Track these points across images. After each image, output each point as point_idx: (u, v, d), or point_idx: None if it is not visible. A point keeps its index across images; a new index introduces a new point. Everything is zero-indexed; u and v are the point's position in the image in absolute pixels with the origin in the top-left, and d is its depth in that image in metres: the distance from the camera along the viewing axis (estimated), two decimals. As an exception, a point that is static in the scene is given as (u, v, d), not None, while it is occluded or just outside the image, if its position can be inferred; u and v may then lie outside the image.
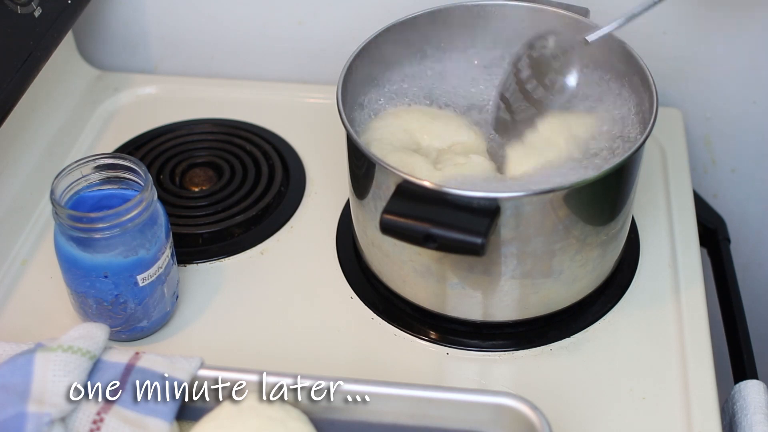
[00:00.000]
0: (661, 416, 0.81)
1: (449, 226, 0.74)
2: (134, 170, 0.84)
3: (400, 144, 0.87)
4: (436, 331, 0.88)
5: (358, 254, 0.95)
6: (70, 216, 0.80)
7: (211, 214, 0.99)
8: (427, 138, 0.89)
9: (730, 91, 1.13)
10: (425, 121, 0.89)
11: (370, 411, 0.74)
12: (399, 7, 1.03)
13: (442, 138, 0.89)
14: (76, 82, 1.15)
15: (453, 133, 0.89)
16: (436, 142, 0.88)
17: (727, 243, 1.05)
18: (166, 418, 0.72)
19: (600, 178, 0.79)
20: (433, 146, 0.88)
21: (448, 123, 0.90)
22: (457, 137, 0.89)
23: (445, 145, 0.88)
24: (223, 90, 1.17)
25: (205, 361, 0.76)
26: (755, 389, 0.85)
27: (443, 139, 0.89)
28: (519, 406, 0.72)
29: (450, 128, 0.89)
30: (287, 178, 1.04)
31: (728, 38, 1.09)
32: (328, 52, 1.17)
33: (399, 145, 0.87)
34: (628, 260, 0.94)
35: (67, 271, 0.84)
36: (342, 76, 0.87)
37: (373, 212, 0.85)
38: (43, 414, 0.69)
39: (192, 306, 0.91)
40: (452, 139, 0.89)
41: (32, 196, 1.02)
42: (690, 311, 0.89)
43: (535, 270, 0.83)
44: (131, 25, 1.19)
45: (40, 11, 0.99)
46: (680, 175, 1.03)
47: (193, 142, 1.08)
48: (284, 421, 0.72)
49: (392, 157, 0.84)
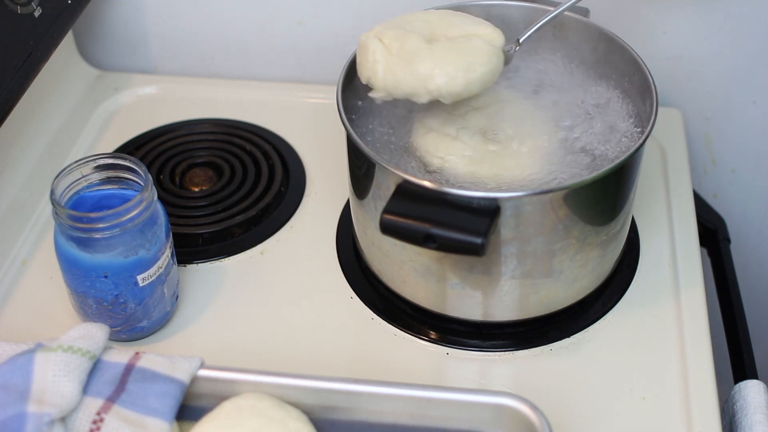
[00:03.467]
0: (661, 416, 0.81)
1: (449, 226, 0.74)
2: (134, 170, 0.84)
3: (411, 28, 0.85)
4: (436, 331, 0.89)
5: (358, 254, 0.95)
6: (70, 216, 0.80)
7: (211, 214, 0.99)
8: (442, 28, 0.86)
9: (730, 91, 1.13)
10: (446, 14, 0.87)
11: (370, 411, 0.74)
12: (399, 7, 1.03)
13: (460, 28, 0.85)
14: (76, 82, 1.15)
15: (471, 25, 0.86)
16: (451, 31, 0.85)
17: (727, 243, 1.05)
18: (166, 418, 0.72)
19: (600, 178, 0.79)
20: (446, 35, 0.85)
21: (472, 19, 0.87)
22: (474, 29, 0.85)
23: (460, 33, 0.85)
24: (223, 90, 1.17)
25: (205, 361, 0.76)
26: (755, 389, 0.85)
27: (460, 29, 0.85)
28: (519, 406, 0.72)
29: (469, 21, 0.86)
30: (287, 178, 1.04)
31: (728, 38, 1.09)
32: (328, 52, 1.17)
33: (409, 28, 0.84)
34: (628, 260, 0.94)
35: (67, 271, 0.84)
36: (342, 76, 0.87)
37: (373, 212, 0.85)
38: (43, 414, 0.69)
39: (192, 306, 0.91)
40: (469, 30, 0.85)
41: (32, 196, 1.02)
42: (690, 311, 0.89)
43: (535, 270, 0.83)
44: (131, 25, 1.19)
45: (40, 11, 0.99)
46: (680, 175, 1.03)
47: (193, 142, 1.08)
48: (284, 421, 0.72)
49: (388, 33, 0.83)
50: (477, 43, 0.83)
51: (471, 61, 0.81)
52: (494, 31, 0.85)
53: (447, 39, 0.84)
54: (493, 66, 0.82)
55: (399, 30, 0.83)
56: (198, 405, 0.76)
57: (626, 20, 0.85)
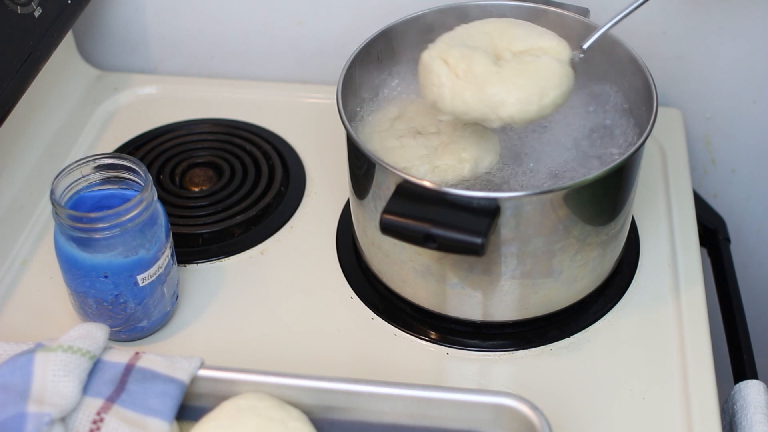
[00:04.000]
0: (661, 416, 0.81)
1: (449, 226, 0.74)
2: (134, 170, 0.84)
3: (473, 43, 0.82)
4: (436, 331, 0.89)
5: (358, 254, 0.95)
6: (70, 216, 0.80)
7: (211, 214, 0.99)
8: (505, 41, 0.82)
9: (730, 91, 1.13)
10: (507, 24, 0.84)
11: (370, 411, 0.74)
12: (399, 6, 1.03)
13: (523, 41, 0.82)
14: (76, 82, 1.15)
15: (535, 38, 0.82)
16: (515, 45, 0.82)
17: (727, 243, 1.05)
18: (166, 418, 0.72)
19: (600, 178, 0.79)
20: (510, 49, 0.82)
21: (533, 29, 0.83)
22: (539, 42, 0.82)
23: (524, 47, 0.82)
24: (223, 90, 1.17)
25: (205, 361, 0.76)
26: (755, 389, 0.85)
27: (524, 42, 0.82)
28: (519, 406, 0.72)
29: (532, 32, 0.83)
30: (287, 178, 1.04)
31: (728, 38, 1.09)
32: (328, 52, 1.17)
33: (471, 44, 0.81)
34: (628, 260, 0.94)
35: (67, 271, 0.84)
36: (342, 76, 0.87)
37: (373, 212, 0.85)
38: (43, 414, 0.69)
39: (192, 306, 0.91)
40: (534, 44, 0.82)
41: (32, 196, 1.02)
42: (690, 311, 0.89)
43: (535, 270, 0.83)
44: (131, 25, 1.19)
45: (40, 11, 0.99)
46: (680, 175, 1.03)
47: (193, 142, 1.08)
48: (284, 421, 0.72)
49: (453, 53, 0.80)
50: (546, 62, 0.79)
51: (543, 86, 0.78)
52: (559, 43, 0.82)
53: (512, 54, 0.81)
54: (565, 88, 0.80)
55: (463, 49, 0.80)
56: (198, 405, 0.76)
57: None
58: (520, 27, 0.83)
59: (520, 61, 0.80)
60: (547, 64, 0.79)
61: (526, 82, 0.78)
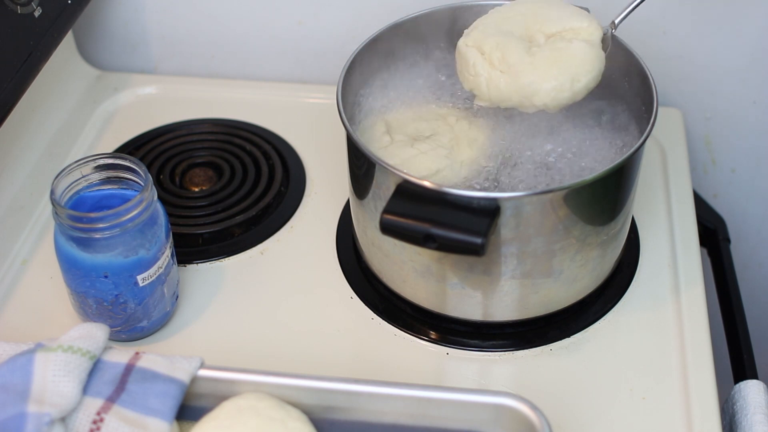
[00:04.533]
0: (661, 416, 0.81)
1: (449, 226, 0.74)
2: (134, 170, 0.84)
3: (507, 27, 0.84)
4: (436, 331, 0.89)
5: (358, 254, 0.95)
6: (70, 216, 0.80)
7: (211, 214, 0.99)
8: (539, 23, 0.85)
9: (730, 91, 1.13)
10: (540, 7, 0.86)
11: (370, 411, 0.74)
12: (399, 6, 1.03)
13: (556, 23, 0.84)
14: (76, 82, 1.15)
15: (567, 18, 0.85)
16: (548, 27, 0.84)
17: (727, 243, 1.05)
18: (166, 418, 0.72)
19: (600, 178, 0.79)
20: (543, 31, 0.84)
21: (565, 8, 0.85)
22: (571, 23, 0.84)
23: (557, 29, 0.84)
24: (223, 90, 1.17)
25: (205, 361, 0.76)
26: (755, 389, 0.85)
27: (557, 24, 0.84)
28: (519, 406, 0.72)
29: (564, 12, 0.85)
30: (287, 178, 1.04)
31: (728, 38, 1.09)
32: (328, 52, 1.17)
33: (505, 28, 0.84)
34: (628, 260, 0.94)
35: (67, 271, 0.84)
36: (342, 76, 0.87)
37: (373, 212, 0.85)
38: (43, 414, 0.69)
39: (192, 306, 0.91)
40: (566, 25, 0.84)
41: (32, 196, 1.02)
42: (690, 311, 0.89)
43: (535, 270, 0.83)
44: (131, 25, 1.19)
45: (40, 11, 0.99)
46: (680, 175, 1.03)
47: (193, 142, 1.08)
48: (284, 421, 0.72)
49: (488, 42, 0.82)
50: (577, 48, 0.81)
51: (575, 73, 0.81)
52: (591, 23, 0.84)
53: (545, 37, 0.83)
54: (596, 72, 0.82)
55: (497, 37, 0.83)
56: (198, 405, 0.76)
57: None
58: (552, 8, 0.86)
59: (552, 48, 0.82)
60: (578, 50, 0.82)
61: (559, 71, 0.81)
